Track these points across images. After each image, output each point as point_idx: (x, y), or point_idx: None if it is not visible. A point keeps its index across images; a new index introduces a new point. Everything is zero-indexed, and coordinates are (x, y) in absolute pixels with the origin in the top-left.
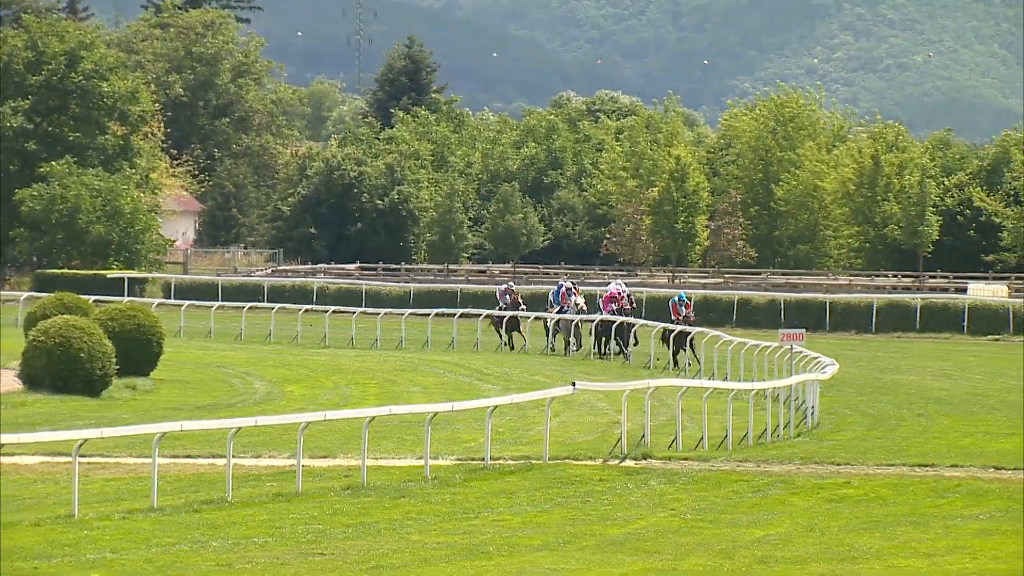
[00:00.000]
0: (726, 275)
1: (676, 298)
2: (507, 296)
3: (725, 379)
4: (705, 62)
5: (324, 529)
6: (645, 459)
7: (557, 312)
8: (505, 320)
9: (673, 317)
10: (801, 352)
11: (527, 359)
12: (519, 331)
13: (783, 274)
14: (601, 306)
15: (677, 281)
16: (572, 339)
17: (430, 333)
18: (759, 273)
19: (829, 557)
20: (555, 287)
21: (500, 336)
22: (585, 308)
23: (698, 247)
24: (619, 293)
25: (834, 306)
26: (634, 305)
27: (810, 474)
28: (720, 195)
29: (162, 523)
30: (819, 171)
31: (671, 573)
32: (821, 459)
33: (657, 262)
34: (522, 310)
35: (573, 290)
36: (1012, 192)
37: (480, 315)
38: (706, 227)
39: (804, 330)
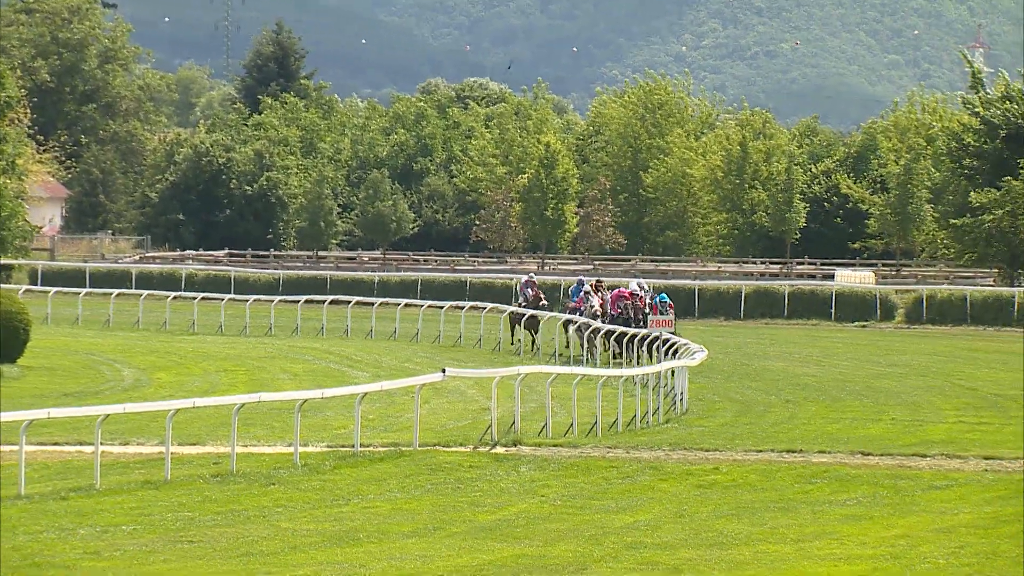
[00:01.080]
0: (595, 262)
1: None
2: (528, 289)
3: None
4: (574, 49)
5: (193, 517)
6: (515, 446)
7: (570, 312)
8: (525, 318)
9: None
10: (670, 335)
11: (397, 346)
12: (536, 330)
13: (652, 260)
14: (609, 306)
15: (547, 268)
16: (585, 344)
17: (299, 320)
18: (628, 259)
19: (698, 543)
20: (574, 284)
21: (513, 335)
22: (600, 311)
23: (567, 234)
24: (627, 292)
25: (703, 292)
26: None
27: (679, 460)
28: (589, 182)
29: (29, 511)
30: (688, 158)
31: (541, 559)
32: (690, 445)
33: (527, 249)
34: (543, 306)
35: (592, 291)
36: (878, 179)
37: (350, 302)
38: (575, 214)
39: (673, 315)
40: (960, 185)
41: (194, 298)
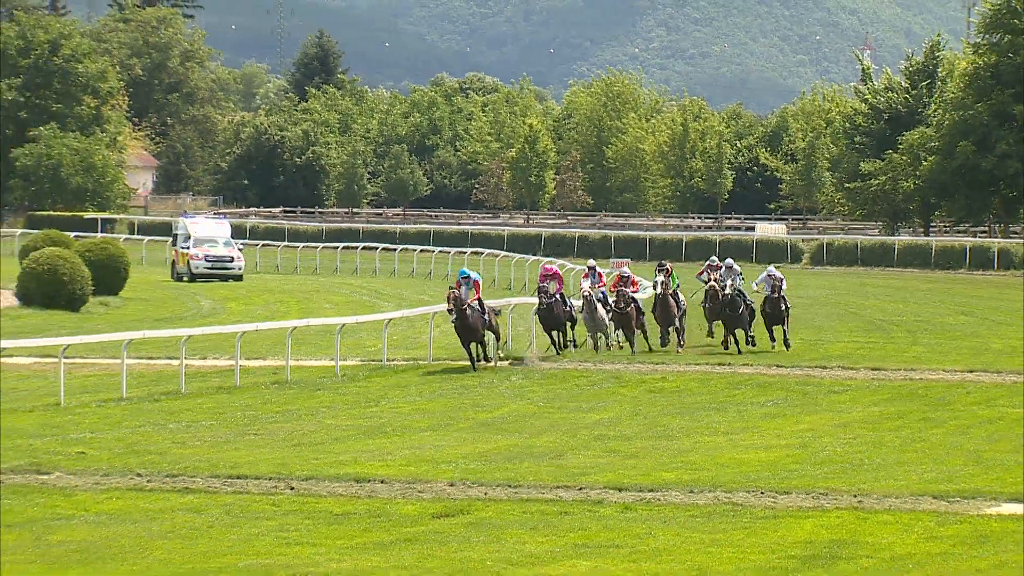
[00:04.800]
0: (569, 217)
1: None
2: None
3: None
4: (551, 51)
5: (257, 415)
6: (507, 360)
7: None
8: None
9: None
10: (628, 275)
11: (415, 282)
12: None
13: (613, 216)
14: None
15: (531, 222)
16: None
17: (339, 262)
18: (595, 215)
19: (650, 435)
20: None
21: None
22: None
23: (547, 195)
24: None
25: (653, 241)
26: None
27: (635, 372)
28: (564, 155)
29: (129, 410)
30: (640, 136)
31: (528, 448)
32: (643, 360)
33: (515, 207)
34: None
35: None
36: (790, 153)
37: (378, 248)
38: (553, 179)
39: (629, 260)
40: (852, 157)
41: (256, 244)
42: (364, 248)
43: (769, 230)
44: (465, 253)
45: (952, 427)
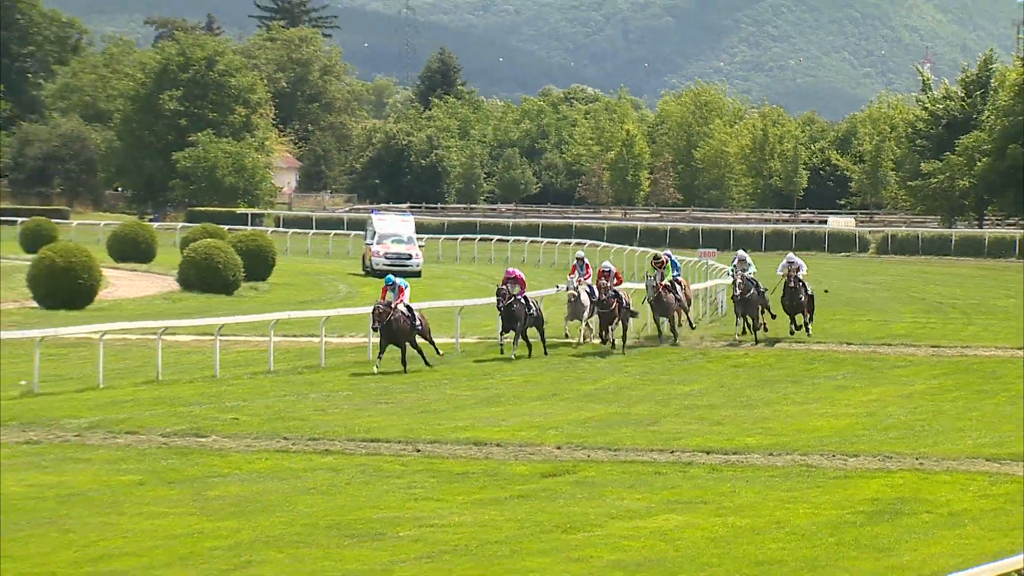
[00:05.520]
0: (661, 211)
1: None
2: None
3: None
4: (646, 65)
5: (388, 385)
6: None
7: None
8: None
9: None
10: (713, 264)
11: (525, 269)
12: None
13: (701, 211)
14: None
15: (627, 216)
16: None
17: (458, 251)
18: (684, 210)
19: (733, 404)
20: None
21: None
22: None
23: (642, 192)
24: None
25: (735, 233)
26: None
27: (720, 349)
28: (657, 156)
29: (276, 382)
30: (725, 140)
31: (626, 415)
32: (728, 337)
33: (613, 203)
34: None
35: (585, 266)
36: (858, 154)
37: (492, 239)
38: (647, 178)
39: (715, 249)
40: (914, 158)
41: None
42: (481, 239)
43: (840, 223)
44: (569, 244)
45: (1003, 398)
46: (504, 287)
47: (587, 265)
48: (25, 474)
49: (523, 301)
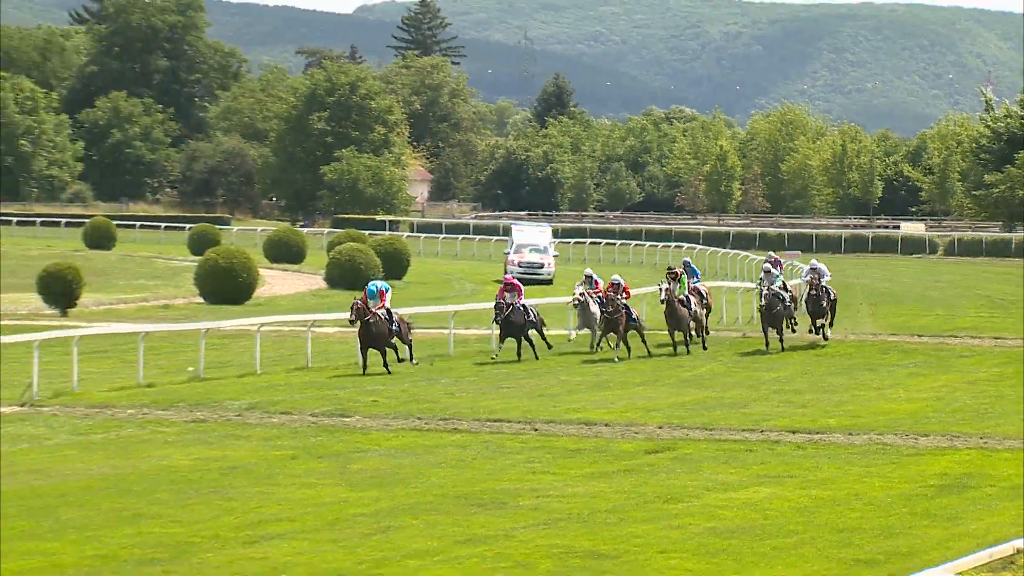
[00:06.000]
0: (751, 218)
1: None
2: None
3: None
4: (738, 88)
5: (510, 372)
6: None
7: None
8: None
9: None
10: (798, 264)
11: (630, 268)
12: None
13: (787, 217)
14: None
15: (721, 222)
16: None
17: (570, 254)
18: (772, 216)
19: (816, 390)
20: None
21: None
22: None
23: (734, 201)
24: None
25: (818, 237)
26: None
27: (805, 340)
28: (747, 169)
29: (412, 370)
30: (808, 154)
31: (720, 399)
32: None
33: (708, 210)
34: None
35: (595, 282)
36: (928, 167)
37: (600, 242)
38: (739, 188)
39: (799, 251)
40: (978, 170)
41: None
42: (591, 243)
43: (911, 228)
44: (669, 247)
45: None
46: (501, 300)
47: (596, 281)
48: (192, 449)
49: (521, 308)
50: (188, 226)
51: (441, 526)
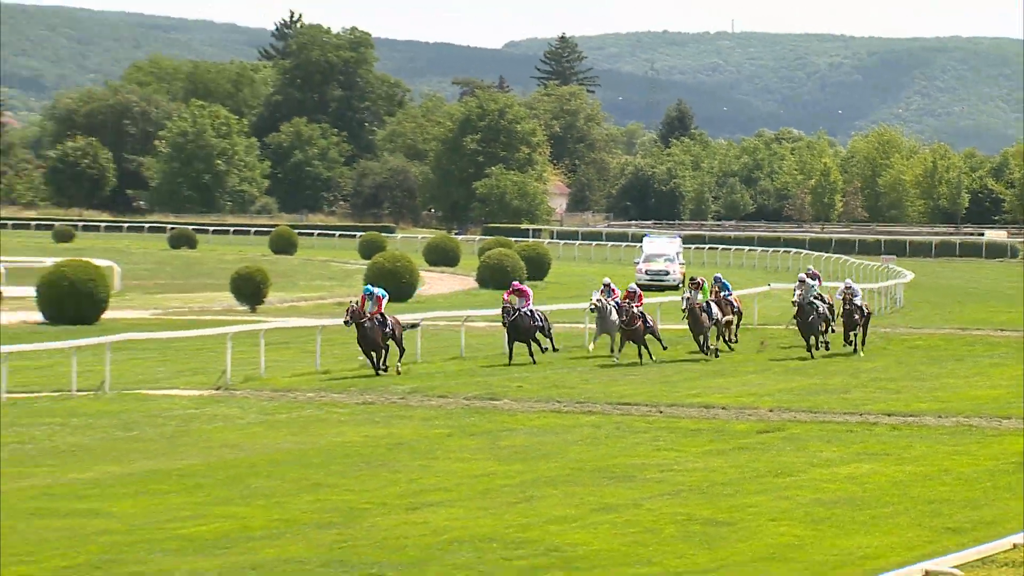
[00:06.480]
0: (852, 226)
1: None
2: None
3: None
4: (839, 112)
5: (636, 363)
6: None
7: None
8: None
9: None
10: (893, 267)
11: (742, 271)
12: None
13: (883, 225)
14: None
15: (824, 230)
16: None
17: (692, 258)
18: (870, 224)
19: (909, 377)
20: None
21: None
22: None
23: (836, 211)
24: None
25: (911, 243)
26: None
27: (899, 334)
28: (848, 183)
29: (549, 358)
30: (902, 170)
31: (823, 385)
32: (905, 325)
33: (813, 219)
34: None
35: (612, 291)
36: (1009, 181)
37: (717, 248)
38: (840, 200)
39: (895, 256)
40: None
41: (633, 245)
42: (709, 248)
43: (995, 235)
44: (778, 252)
45: None
46: (508, 303)
47: (614, 289)
48: (363, 427)
49: (528, 313)
50: (358, 234)
51: (578, 496)
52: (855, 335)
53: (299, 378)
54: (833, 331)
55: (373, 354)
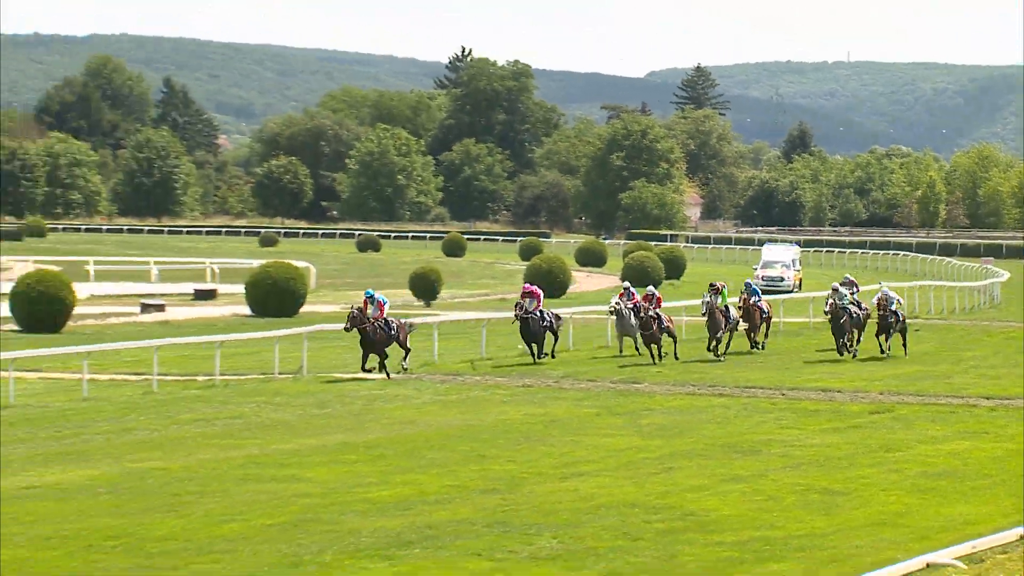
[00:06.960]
0: (955, 231)
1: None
2: (850, 284)
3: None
4: (943, 131)
5: (758, 351)
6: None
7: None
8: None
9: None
10: (991, 268)
11: (857, 272)
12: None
13: (983, 231)
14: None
15: (929, 235)
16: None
17: (810, 259)
18: (970, 230)
19: (1007, 364)
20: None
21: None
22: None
23: (940, 218)
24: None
25: (1007, 246)
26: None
27: (997, 327)
28: (951, 194)
29: (684, 348)
30: (999, 182)
31: (928, 372)
32: (1001, 319)
33: (920, 226)
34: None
35: (631, 294)
36: None
37: (833, 251)
38: (944, 209)
39: (992, 257)
40: None
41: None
42: (826, 251)
43: None
44: (888, 254)
45: None
46: (522, 301)
47: (633, 293)
48: (522, 407)
49: (538, 315)
50: (519, 239)
51: (710, 468)
52: (885, 338)
53: (467, 364)
54: (860, 336)
55: (374, 356)
